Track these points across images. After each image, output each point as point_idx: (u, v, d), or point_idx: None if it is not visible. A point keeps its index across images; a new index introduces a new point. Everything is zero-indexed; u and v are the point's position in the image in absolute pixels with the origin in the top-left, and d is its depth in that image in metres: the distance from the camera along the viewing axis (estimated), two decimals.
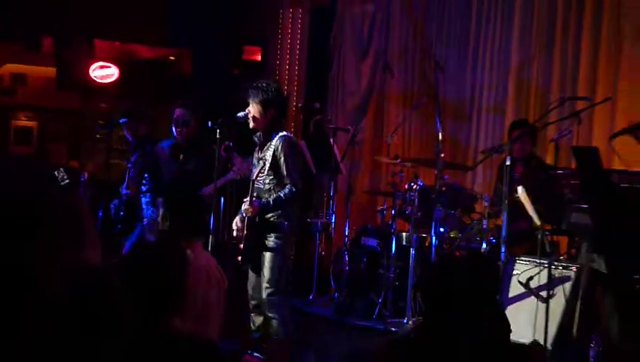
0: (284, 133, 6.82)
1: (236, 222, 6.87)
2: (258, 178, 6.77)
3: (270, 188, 6.73)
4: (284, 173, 6.67)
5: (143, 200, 8.42)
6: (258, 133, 6.87)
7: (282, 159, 6.67)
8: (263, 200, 6.69)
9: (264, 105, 6.74)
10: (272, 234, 6.70)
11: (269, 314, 6.67)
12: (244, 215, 6.74)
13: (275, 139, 6.72)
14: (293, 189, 6.63)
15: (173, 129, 8.25)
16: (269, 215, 6.73)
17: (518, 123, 8.74)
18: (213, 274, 4.90)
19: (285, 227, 6.73)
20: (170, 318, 3.65)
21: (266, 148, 6.77)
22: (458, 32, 10.78)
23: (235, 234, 6.88)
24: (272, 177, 6.72)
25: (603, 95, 8.64)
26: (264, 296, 6.66)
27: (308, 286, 9.52)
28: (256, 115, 6.76)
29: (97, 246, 2.76)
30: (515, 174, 8.19)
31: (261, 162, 6.76)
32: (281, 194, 6.63)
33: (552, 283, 6.78)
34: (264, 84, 6.87)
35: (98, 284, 2.82)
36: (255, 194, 6.75)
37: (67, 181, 8.57)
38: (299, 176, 6.73)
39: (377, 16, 11.76)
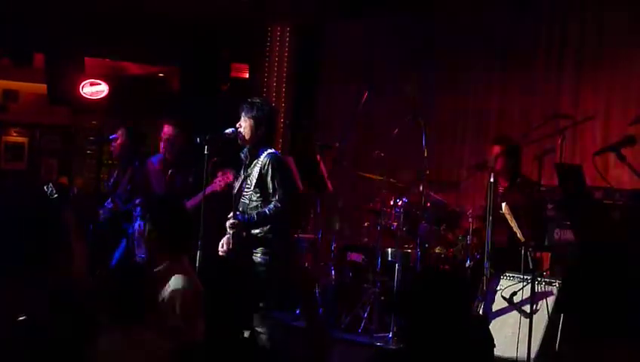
0: (272, 150, 6.85)
1: (222, 243, 6.88)
2: (244, 194, 6.81)
3: (257, 205, 6.74)
4: (270, 190, 6.69)
5: (134, 213, 8.48)
6: (245, 150, 6.90)
7: (269, 176, 6.69)
8: (247, 215, 6.72)
9: (256, 121, 6.77)
10: (260, 251, 6.72)
11: (258, 329, 6.69)
12: (228, 231, 6.77)
13: (263, 156, 6.75)
14: (278, 205, 6.64)
15: (161, 145, 8.34)
16: (257, 231, 6.74)
17: (496, 139, 8.81)
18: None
19: (273, 243, 6.75)
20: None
21: (253, 164, 6.80)
22: (444, 53, 10.92)
23: (220, 253, 6.89)
24: (258, 194, 6.74)
25: (585, 113, 8.80)
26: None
27: (294, 300, 9.55)
28: (247, 131, 6.79)
29: (84, 259, 2.88)
30: (499, 190, 8.27)
31: (248, 179, 6.80)
32: (266, 210, 6.64)
33: (535, 298, 6.84)
34: (258, 101, 6.93)
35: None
36: (240, 210, 6.78)
37: (56, 196, 8.63)
38: (285, 194, 6.73)
39: (365, 34, 11.86)
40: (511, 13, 10.32)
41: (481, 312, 7.26)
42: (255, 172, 6.72)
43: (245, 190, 6.79)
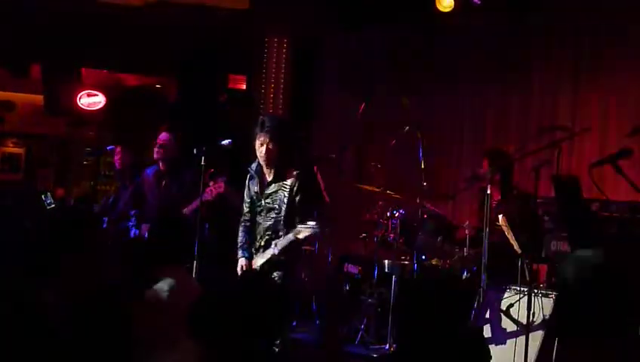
0: (297, 171, 6.76)
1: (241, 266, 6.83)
2: (269, 215, 6.74)
3: (281, 221, 6.72)
4: (298, 212, 6.66)
5: (129, 224, 8.49)
6: (254, 165, 6.80)
7: (297, 199, 6.67)
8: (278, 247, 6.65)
9: (279, 140, 6.68)
10: (277, 273, 6.70)
11: None
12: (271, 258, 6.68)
13: (290, 178, 6.68)
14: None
15: (155, 151, 8.34)
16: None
17: (484, 153, 8.79)
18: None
19: (289, 264, 6.72)
20: None
21: (277, 185, 6.72)
22: (442, 65, 10.95)
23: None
24: (285, 213, 6.69)
25: (582, 125, 8.81)
26: None
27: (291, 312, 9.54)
28: (274, 150, 6.66)
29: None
30: (492, 202, 8.25)
31: (272, 199, 6.71)
32: (292, 237, 6.59)
33: (532, 310, 6.83)
34: (282, 121, 6.88)
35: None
36: (270, 233, 6.72)
37: (53, 205, 8.65)
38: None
39: (363, 46, 11.88)
40: (509, 25, 10.34)
41: (477, 324, 7.25)
42: (282, 194, 6.65)
43: (272, 210, 6.72)
